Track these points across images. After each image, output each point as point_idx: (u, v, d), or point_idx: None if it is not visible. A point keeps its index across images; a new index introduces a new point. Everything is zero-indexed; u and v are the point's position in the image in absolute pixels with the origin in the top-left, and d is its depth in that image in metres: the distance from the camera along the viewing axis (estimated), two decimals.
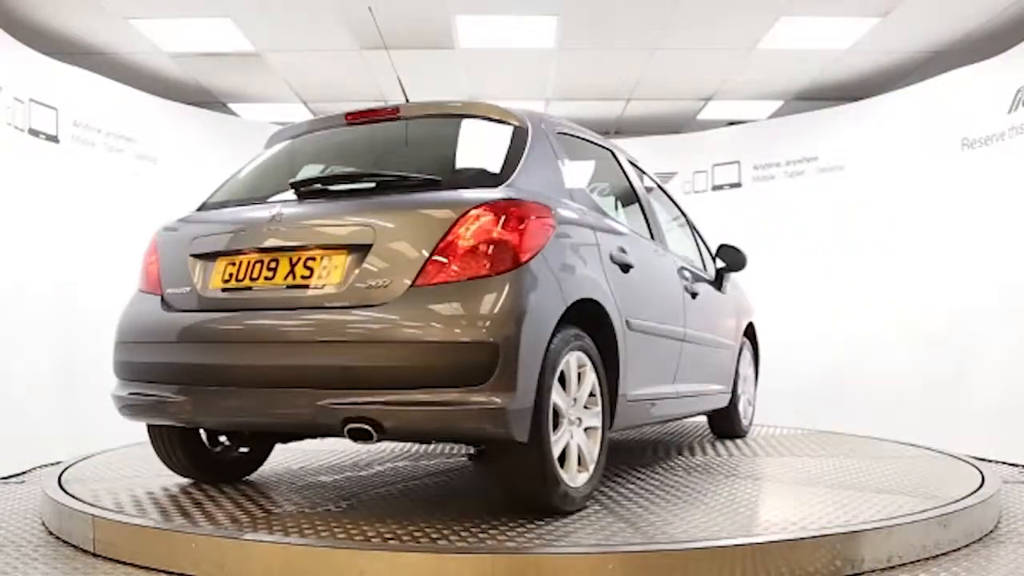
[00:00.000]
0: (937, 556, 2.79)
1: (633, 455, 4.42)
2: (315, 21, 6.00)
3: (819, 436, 5.28)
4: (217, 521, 2.84)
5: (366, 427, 2.59)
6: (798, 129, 7.44)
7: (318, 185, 3.08)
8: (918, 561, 2.72)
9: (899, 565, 2.67)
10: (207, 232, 3.11)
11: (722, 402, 4.73)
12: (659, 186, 4.58)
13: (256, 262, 2.89)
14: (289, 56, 6.76)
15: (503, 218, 2.71)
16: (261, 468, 3.94)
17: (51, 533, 3.21)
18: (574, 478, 2.90)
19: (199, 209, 3.41)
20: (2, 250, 5.03)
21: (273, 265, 2.85)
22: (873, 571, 2.61)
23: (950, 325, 5.82)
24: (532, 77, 7.30)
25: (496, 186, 2.89)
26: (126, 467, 4.03)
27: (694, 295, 4.11)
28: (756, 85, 7.51)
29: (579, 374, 2.96)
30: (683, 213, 4.75)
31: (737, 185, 7.87)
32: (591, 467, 3.00)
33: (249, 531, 2.68)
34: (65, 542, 3.05)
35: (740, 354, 4.96)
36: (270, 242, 2.89)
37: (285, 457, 4.29)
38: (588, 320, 3.00)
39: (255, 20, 6.00)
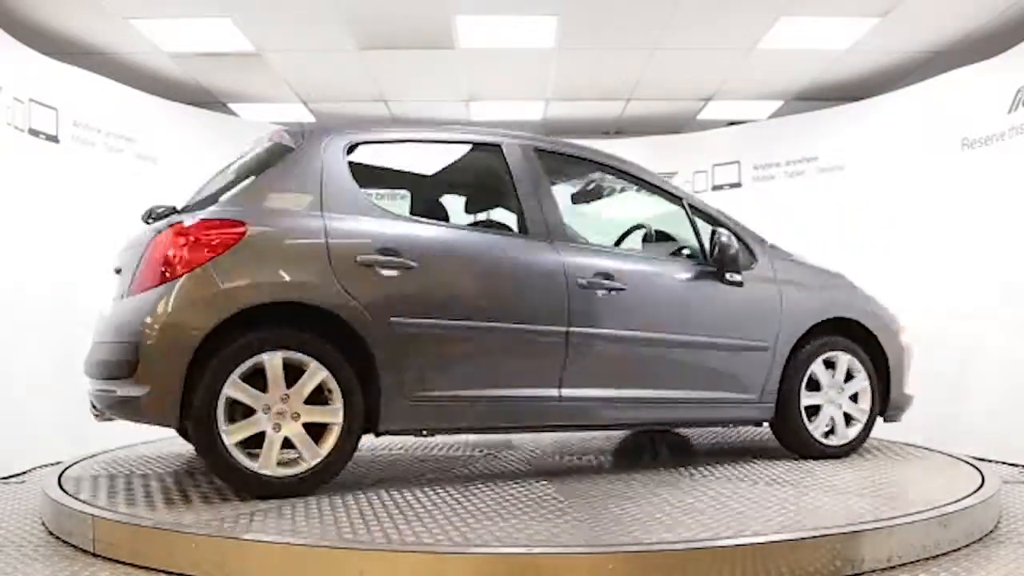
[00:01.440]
0: (937, 556, 2.79)
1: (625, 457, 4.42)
2: (315, 21, 6.00)
3: None
4: (217, 521, 2.84)
5: (95, 407, 3.46)
6: (798, 129, 7.43)
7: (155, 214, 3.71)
8: (918, 561, 2.72)
9: (899, 565, 2.67)
10: (122, 247, 3.77)
11: (747, 413, 4.06)
12: (633, 175, 4.18)
13: (117, 275, 3.65)
14: (289, 56, 6.76)
15: (171, 239, 3.22)
16: None
17: (51, 533, 3.21)
18: (270, 466, 3.18)
19: None
20: (2, 250, 5.03)
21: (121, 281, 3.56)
22: (873, 571, 2.61)
23: (950, 325, 5.82)
24: (532, 77, 7.30)
25: (205, 208, 3.41)
26: (126, 467, 4.03)
27: (607, 290, 3.69)
28: (756, 85, 7.50)
29: (303, 372, 3.23)
30: (677, 198, 4.16)
31: (737, 185, 7.87)
32: (312, 460, 3.23)
33: (249, 531, 2.68)
34: (65, 542, 3.05)
35: (809, 358, 4.11)
36: (117, 264, 3.68)
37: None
38: (324, 320, 3.26)
39: (255, 20, 6.00)
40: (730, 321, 4.00)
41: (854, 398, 4.24)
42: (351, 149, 3.61)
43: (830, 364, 4.18)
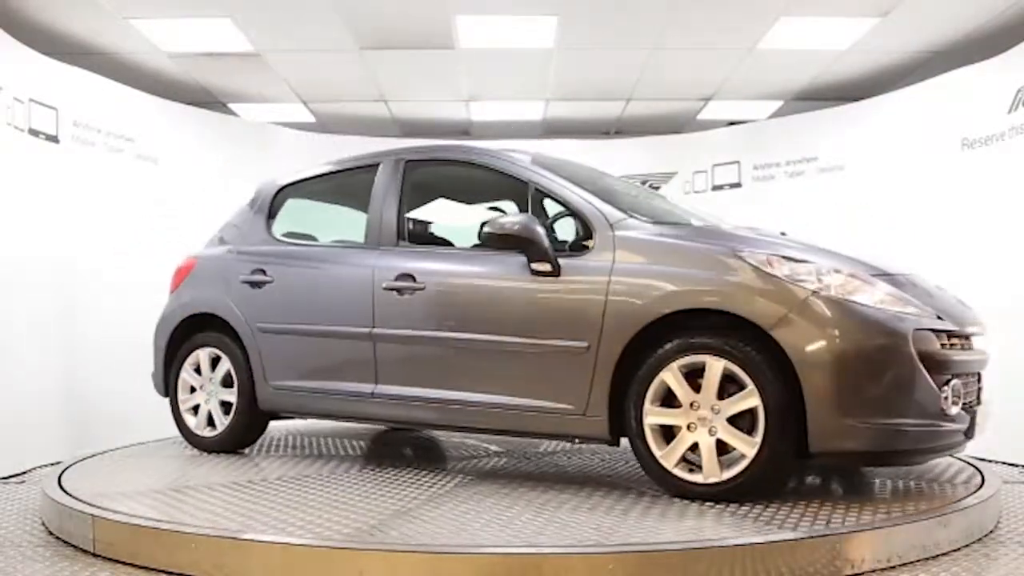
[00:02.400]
0: (937, 556, 2.79)
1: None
2: (315, 21, 6.00)
3: None
4: (217, 521, 2.84)
5: None
6: (798, 129, 7.43)
7: None
8: (918, 561, 2.72)
9: (899, 565, 2.67)
10: None
11: (569, 427, 3.40)
12: (477, 163, 3.95)
13: None
14: (289, 56, 6.76)
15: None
16: (261, 467, 3.95)
17: (51, 533, 3.21)
18: (202, 429, 4.46)
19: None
20: (2, 250, 5.02)
21: None
22: (873, 571, 2.61)
23: None
24: (532, 77, 7.30)
25: None
26: (126, 467, 4.04)
27: (401, 292, 3.77)
28: (756, 85, 7.50)
29: (217, 362, 4.42)
30: (522, 182, 3.77)
31: (737, 185, 7.87)
32: (219, 427, 4.39)
33: (249, 531, 2.68)
34: (65, 542, 3.06)
35: (658, 364, 3.17)
36: None
37: (284, 456, 4.30)
38: (225, 326, 4.35)
39: (255, 20, 6.00)
40: (535, 317, 3.45)
41: (740, 422, 3.05)
42: (278, 192, 4.61)
43: (701, 372, 3.13)
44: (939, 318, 3.20)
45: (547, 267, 3.43)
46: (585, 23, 6.08)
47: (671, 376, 3.16)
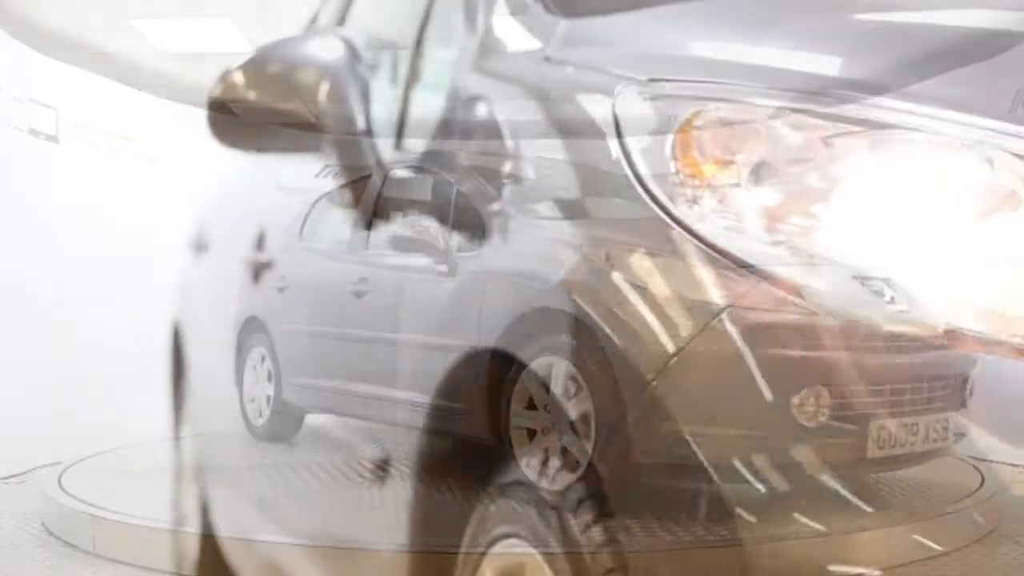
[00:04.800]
0: (937, 556, 2.79)
1: None
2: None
3: None
4: (217, 521, 2.84)
5: None
6: None
7: None
8: (918, 561, 2.72)
9: (899, 565, 2.67)
10: None
11: (473, 429, 3.37)
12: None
13: None
14: None
15: None
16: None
17: (51, 533, 3.21)
18: (254, 419, 4.52)
19: None
20: (1, 251, 5.02)
21: None
22: (873, 571, 2.61)
23: None
24: None
25: None
26: (126, 467, 4.04)
27: (359, 294, 3.92)
28: None
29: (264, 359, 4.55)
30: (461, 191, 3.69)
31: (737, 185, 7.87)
32: (263, 418, 4.49)
33: (249, 531, 2.68)
34: (65, 542, 3.06)
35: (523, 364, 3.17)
36: None
37: (285, 456, 4.30)
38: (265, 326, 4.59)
39: (255, 20, 6.00)
40: (437, 318, 3.43)
41: (579, 427, 2.92)
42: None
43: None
44: (814, 313, 2.85)
45: (444, 267, 3.37)
46: None
47: (531, 377, 2.96)
